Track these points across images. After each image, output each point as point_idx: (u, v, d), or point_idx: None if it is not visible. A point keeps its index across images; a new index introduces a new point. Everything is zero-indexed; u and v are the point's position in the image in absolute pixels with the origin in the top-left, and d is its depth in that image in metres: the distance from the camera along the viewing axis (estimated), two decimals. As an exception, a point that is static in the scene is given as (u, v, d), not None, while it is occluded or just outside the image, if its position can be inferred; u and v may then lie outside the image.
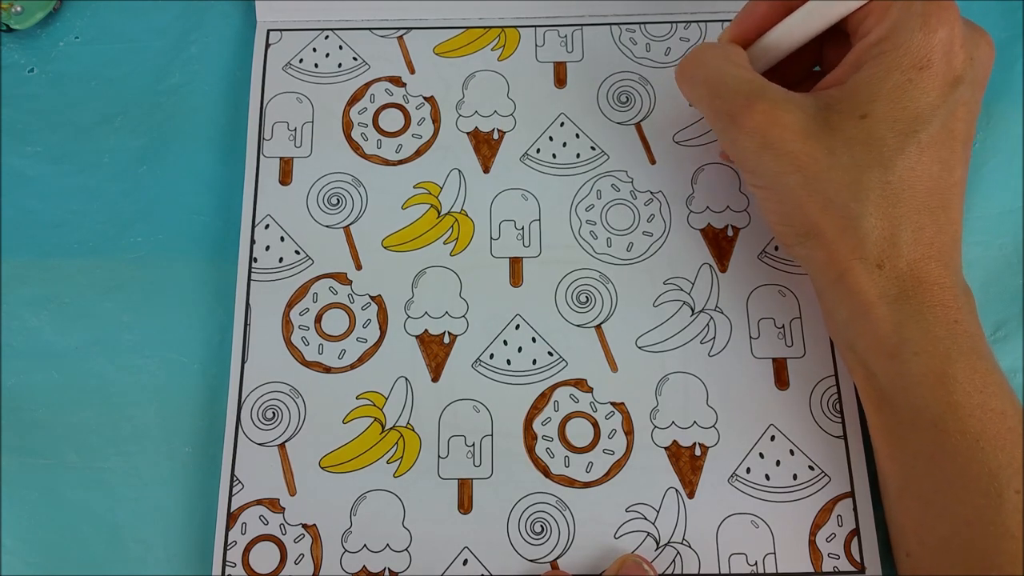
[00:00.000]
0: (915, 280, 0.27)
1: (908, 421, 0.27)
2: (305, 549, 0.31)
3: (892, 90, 0.26)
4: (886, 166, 0.26)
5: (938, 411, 0.26)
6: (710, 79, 0.29)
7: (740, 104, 0.28)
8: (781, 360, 0.33)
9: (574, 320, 0.33)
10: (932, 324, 0.27)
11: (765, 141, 0.27)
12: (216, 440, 0.32)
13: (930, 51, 0.26)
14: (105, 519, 0.32)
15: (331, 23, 0.38)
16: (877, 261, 0.27)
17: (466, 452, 0.32)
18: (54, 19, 0.39)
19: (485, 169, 0.36)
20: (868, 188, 0.26)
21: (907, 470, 0.28)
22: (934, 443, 0.27)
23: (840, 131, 0.27)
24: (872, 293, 0.27)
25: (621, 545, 0.31)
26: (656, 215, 0.35)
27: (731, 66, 0.29)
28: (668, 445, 0.32)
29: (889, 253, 0.27)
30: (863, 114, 0.27)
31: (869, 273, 0.27)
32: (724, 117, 0.28)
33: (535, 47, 0.37)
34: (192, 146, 0.37)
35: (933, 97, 0.26)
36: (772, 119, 0.27)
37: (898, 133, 0.26)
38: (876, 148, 0.26)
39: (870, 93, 0.27)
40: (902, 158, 0.26)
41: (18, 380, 0.34)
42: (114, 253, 0.35)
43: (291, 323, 0.34)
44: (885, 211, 0.27)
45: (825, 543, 0.31)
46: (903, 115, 0.26)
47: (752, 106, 0.27)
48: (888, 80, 0.26)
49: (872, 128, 0.26)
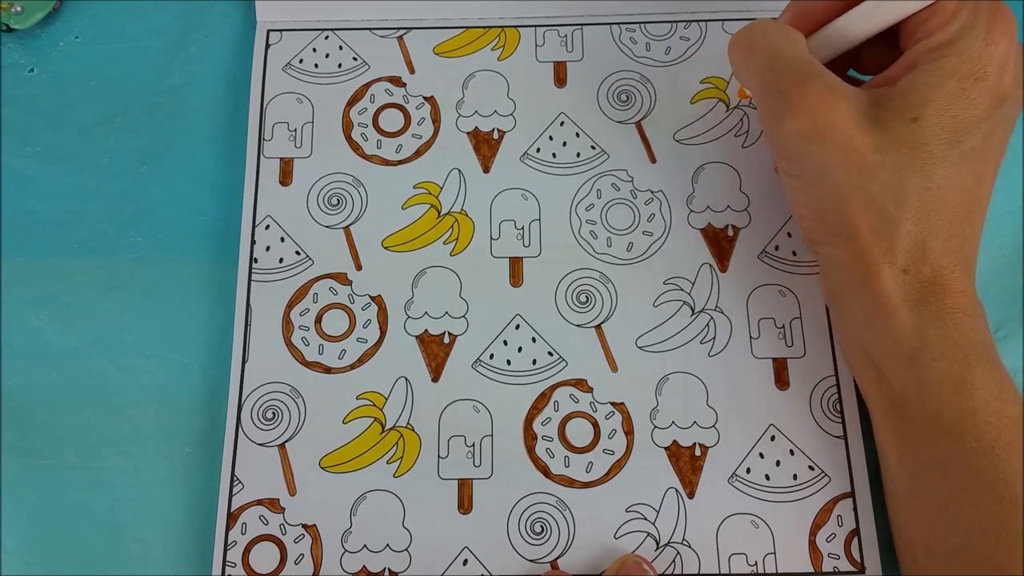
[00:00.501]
0: (938, 286, 0.27)
1: (922, 426, 0.27)
2: (305, 549, 0.31)
3: (945, 97, 0.26)
4: (928, 173, 0.26)
5: (954, 417, 0.26)
6: (769, 51, 0.28)
7: (795, 81, 0.27)
8: (781, 360, 0.33)
9: (574, 320, 0.33)
10: (951, 330, 0.26)
11: (814, 126, 0.27)
12: (216, 440, 0.32)
13: (988, 63, 0.26)
14: (105, 519, 0.32)
15: (331, 23, 0.38)
16: (904, 266, 0.27)
17: (466, 452, 0.32)
18: (54, 19, 0.39)
19: (485, 169, 0.36)
20: (909, 193, 0.26)
21: (918, 476, 0.28)
22: (948, 449, 0.26)
23: (889, 130, 0.26)
24: (896, 297, 0.27)
25: (621, 545, 0.31)
26: (656, 214, 0.35)
27: (791, 44, 0.28)
28: (668, 445, 0.32)
29: (917, 259, 0.27)
30: (914, 117, 0.26)
31: (895, 277, 0.27)
32: (775, 92, 0.27)
33: (535, 47, 0.37)
34: (192, 146, 0.37)
35: (981, 110, 0.26)
36: (826, 103, 0.26)
37: (944, 141, 0.26)
38: (922, 153, 0.26)
39: (924, 97, 0.26)
40: (944, 167, 0.26)
41: (18, 380, 0.34)
42: (114, 253, 0.35)
43: (291, 323, 0.34)
44: (921, 218, 0.26)
45: (825, 543, 0.31)
46: (951, 124, 0.26)
47: (807, 86, 0.27)
48: (944, 87, 0.26)
49: (921, 132, 0.26)
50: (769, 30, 0.29)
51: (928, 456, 0.27)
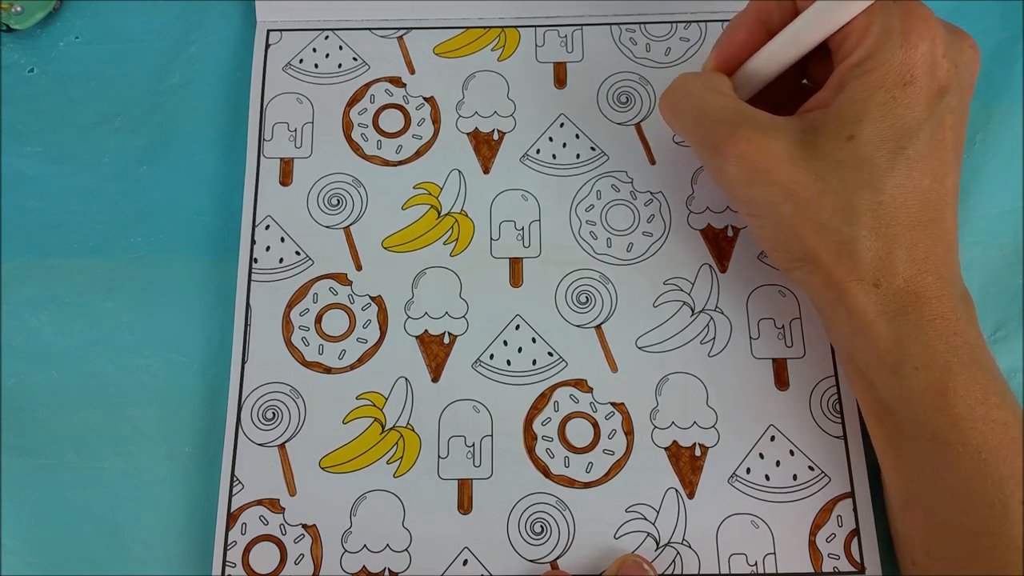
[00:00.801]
0: (912, 295, 0.27)
1: (910, 434, 0.27)
2: (305, 549, 0.31)
3: (877, 109, 0.26)
4: (876, 187, 0.26)
5: (939, 424, 0.26)
6: (694, 109, 0.29)
7: (724, 134, 0.27)
8: (781, 360, 0.33)
9: (574, 320, 0.33)
10: (932, 338, 0.26)
11: (752, 170, 0.27)
12: (216, 440, 0.32)
13: (912, 67, 0.26)
14: (105, 519, 0.32)
15: (331, 23, 0.38)
16: (874, 281, 0.27)
17: (466, 452, 0.32)
18: (54, 19, 0.39)
19: (485, 169, 0.36)
20: (860, 211, 0.26)
21: (911, 482, 0.28)
22: (937, 455, 0.26)
23: (828, 154, 0.26)
24: (871, 312, 0.27)
25: (621, 545, 0.31)
26: (656, 215, 0.35)
27: (714, 95, 0.29)
28: (668, 445, 0.32)
29: (885, 272, 0.27)
30: (850, 135, 0.26)
31: (867, 293, 0.27)
32: (709, 147, 0.28)
33: (535, 47, 0.37)
34: (192, 146, 0.37)
35: (919, 111, 0.26)
36: (757, 147, 0.27)
37: (886, 152, 0.26)
38: (865, 169, 0.26)
39: (855, 113, 0.26)
40: (892, 176, 0.26)
41: (18, 380, 0.34)
42: (114, 253, 0.35)
43: (291, 323, 0.34)
44: (878, 232, 0.26)
45: (825, 543, 0.31)
46: (890, 133, 0.26)
47: (736, 135, 0.27)
48: (873, 99, 0.26)
49: (860, 149, 0.26)
50: (690, 87, 0.30)
51: (918, 462, 0.27)
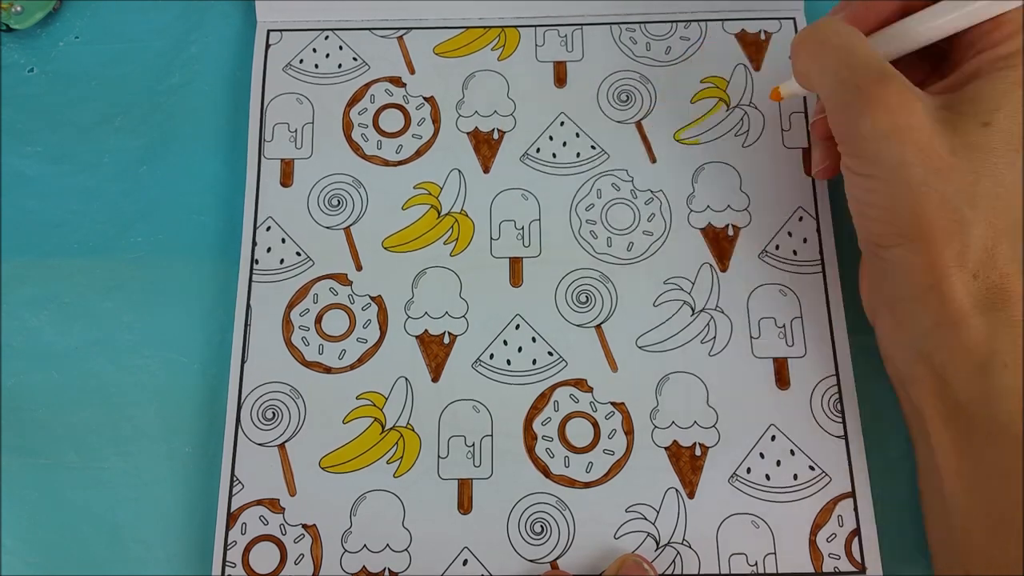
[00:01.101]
0: (1004, 293, 0.26)
1: (987, 435, 0.26)
2: (305, 549, 0.31)
3: (1014, 104, 0.26)
4: (998, 178, 0.26)
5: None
6: (843, 48, 0.28)
7: (874, 79, 0.27)
8: (782, 360, 0.33)
9: (574, 320, 0.33)
10: (1021, 337, 0.26)
11: (894, 124, 0.26)
12: (216, 440, 0.32)
13: None
14: (105, 519, 0.32)
15: (331, 23, 0.38)
16: (974, 271, 0.26)
17: (466, 452, 0.32)
18: (54, 19, 0.39)
19: (485, 169, 0.36)
20: (982, 196, 0.26)
21: (979, 487, 0.27)
22: (1015, 460, 0.26)
23: (963, 133, 0.26)
24: (966, 302, 0.26)
25: (621, 545, 0.31)
26: (656, 214, 0.35)
27: (863, 42, 0.28)
28: (668, 445, 0.32)
29: (986, 263, 0.26)
30: (986, 121, 0.26)
31: (965, 282, 0.26)
32: (852, 90, 0.27)
33: (535, 47, 0.37)
34: (192, 146, 0.37)
35: None
36: (905, 102, 0.26)
37: (1011, 148, 0.26)
38: (993, 158, 0.26)
39: (995, 102, 0.26)
40: (1011, 173, 0.26)
41: (18, 380, 0.34)
42: (114, 253, 0.35)
43: (291, 323, 0.34)
44: (991, 222, 0.26)
45: (826, 543, 0.31)
46: (1019, 131, 0.26)
47: (887, 84, 0.26)
48: (1013, 94, 0.26)
49: (992, 137, 0.26)
50: (840, 28, 0.29)
51: (991, 466, 0.26)
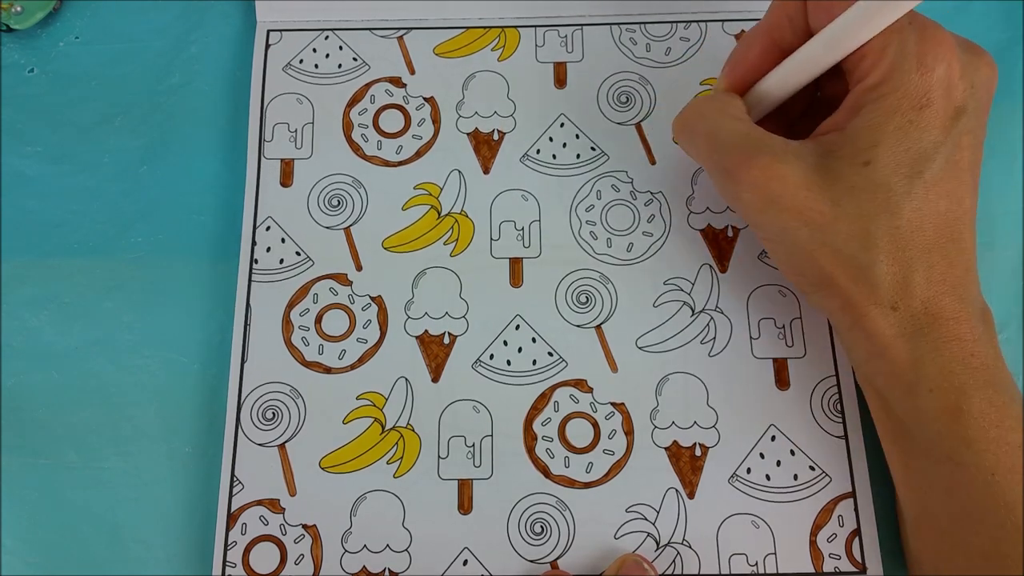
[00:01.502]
0: (930, 317, 0.26)
1: (924, 454, 0.27)
2: (305, 549, 0.31)
3: (893, 133, 0.26)
4: (893, 212, 0.26)
5: (953, 445, 0.26)
6: (708, 133, 0.29)
7: (738, 160, 0.27)
8: (782, 360, 0.33)
9: (574, 320, 0.33)
10: (948, 360, 0.26)
11: (767, 196, 0.27)
12: (216, 440, 0.32)
13: (928, 90, 0.26)
14: (105, 519, 0.32)
15: (331, 23, 0.38)
16: (891, 304, 0.27)
17: (466, 452, 0.32)
18: (54, 19, 0.39)
19: (485, 170, 0.36)
20: (877, 236, 0.26)
21: (923, 500, 0.28)
22: (950, 476, 0.26)
23: (843, 180, 0.26)
24: (888, 334, 0.27)
25: (621, 545, 0.31)
26: (656, 215, 0.35)
27: (728, 119, 0.29)
28: (668, 445, 0.32)
29: (902, 295, 0.26)
30: (866, 161, 0.26)
31: (884, 316, 0.27)
32: (723, 172, 0.28)
33: (535, 47, 0.37)
34: (192, 146, 0.37)
35: (936, 134, 0.26)
36: (772, 174, 0.27)
37: (903, 176, 0.26)
38: (882, 194, 0.26)
39: (872, 139, 0.26)
40: (909, 201, 0.26)
41: (18, 380, 0.33)
42: (114, 253, 0.35)
43: (291, 323, 0.34)
44: (895, 256, 0.26)
45: (826, 543, 0.31)
46: (906, 157, 0.26)
47: (751, 161, 0.27)
48: (889, 124, 0.26)
49: (876, 174, 0.26)
50: (704, 109, 0.29)
51: (931, 481, 0.27)
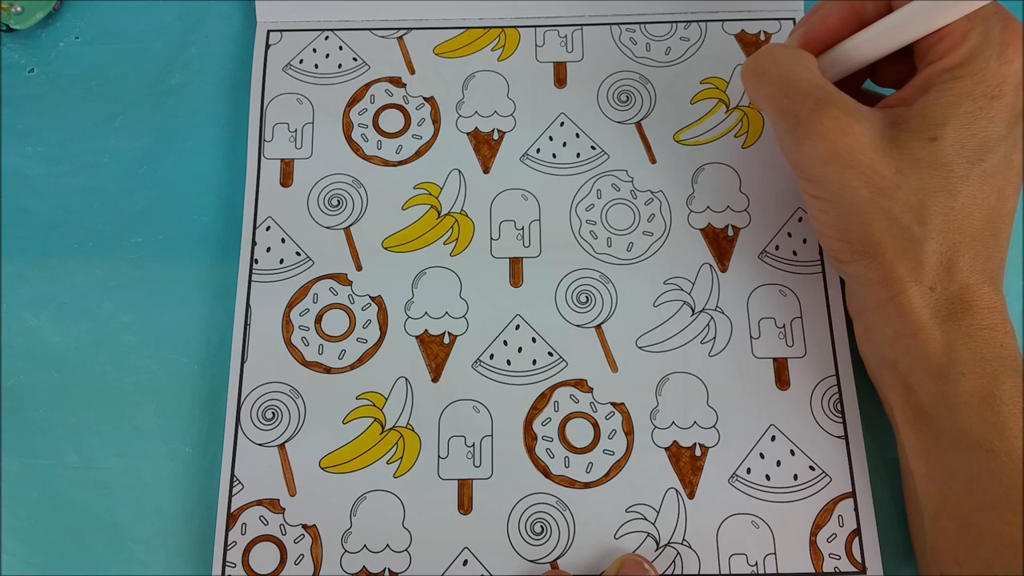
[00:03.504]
0: (965, 303, 0.27)
1: (950, 441, 0.27)
2: (305, 549, 0.31)
3: (963, 116, 0.26)
4: (951, 192, 0.26)
5: (983, 432, 0.26)
6: (782, 77, 0.28)
7: (810, 107, 0.27)
8: (782, 360, 0.33)
9: (574, 320, 0.33)
10: (981, 346, 0.26)
11: (833, 150, 0.27)
12: (216, 440, 0.32)
13: (1004, 81, 0.26)
14: (105, 519, 0.32)
15: (331, 23, 0.38)
16: (931, 284, 0.27)
17: (466, 452, 0.32)
18: (54, 19, 0.39)
19: (485, 169, 0.36)
20: (933, 212, 0.26)
21: (946, 490, 0.27)
22: (978, 464, 0.26)
23: (909, 151, 0.26)
24: (924, 314, 0.27)
25: (621, 545, 0.31)
26: (656, 215, 0.35)
27: (804, 69, 0.28)
28: (668, 445, 0.32)
29: (944, 277, 0.27)
30: (933, 136, 0.26)
31: (922, 295, 0.27)
32: (791, 119, 0.28)
33: (535, 47, 0.37)
34: (192, 146, 0.37)
35: (1001, 127, 0.26)
36: (843, 127, 0.27)
37: (965, 160, 0.26)
38: (943, 173, 0.26)
39: (941, 116, 0.26)
40: (966, 185, 0.26)
41: (18, 380, 0.34)
42: (114, 253, 0.35)
43: (291, 323, 0.34)
44: (946, 236, 0.26)
45: (826, 543, 0.31)
46: (971, 143, 0.26)
47: (823, 111, 0.27)
48: (960, 106, 0.26)
49: (940, 152, 0.26)
50: (780, 55, 0.29)
51: (956, 470, 0.27)
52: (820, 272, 0.34)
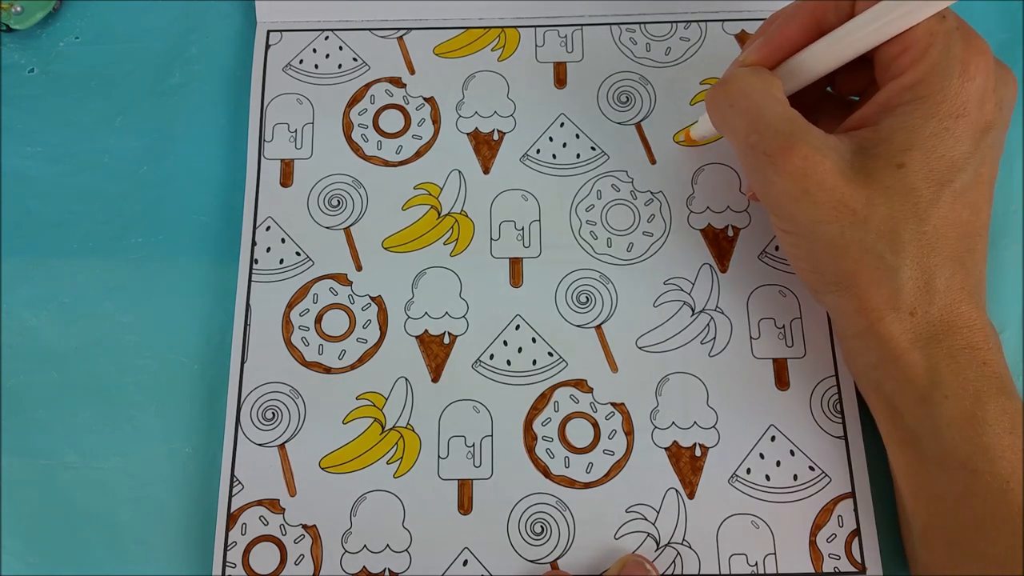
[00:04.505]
0: (946, 324, 0.26)
1: (936, 462, 0.27)
2: (305, 550, 0.31)
3: (928, 139, 0.26)
4: (921, 217, 0.26)
5: (968, 452, 0.26)
6: (750, 111, 0.28)
7: (780, 145, 0.26)
8: (781, 360, 0.33)
9: (574, 320, 0.33)
10: (963, 366, 0.26)
11: (805, 187, 0.26)
12: (216, 440, 0.32)
13: (966, 100, 0.26)
14: (105, 519, 0.32)
15: (331, 23, 0.38)
16: (910, 310, 0.26)
17: (466, 452, 0.32)
18: (54, 19, 0.39)
19: (485, 170, 0.36)
20: (905, 239, 0.26)
21: (932, 510, 0.27)
22: (963, 484, 0.26)
23: (878, 180, 0.26)
24: (903, 340, 0.27)
25: (621, 546, 0.31)
26: (656, 215, 0.35)
27: (772, 100, 0.28)
28: (668, 446, 0.32)
29: (922, 301, 0.26)
30: (900, 163, 0.26)
31: (901, 322, 0.27)
32: (761, 156, 0.27)
33: (535, 47, 0.37)
34: (192, 146, 0.37)
35: (967, 146, 0.26)
36: (812, 165, 0.26)
37: (933, 183, 0.26)
38: (912, 199, 0.26)
39: (907, 141, 0.26)
40: (937, 208, 0.26)
41: (18, 380, 0.34)
42: (114, 253, 0.35)
43: (291, 324, 0.34)
44: (920, 261, 0.26)
45: (826, 543, 0.31)
46: (938, 164, 0.26)
47: (793, 149, 0.26)
48: (925, 128, 0.26)
49: (908, 179, 0.26)
50: (749, 86, 0.28)
51: (942, 490, 0.27)
52: (820, 272, 0.34)
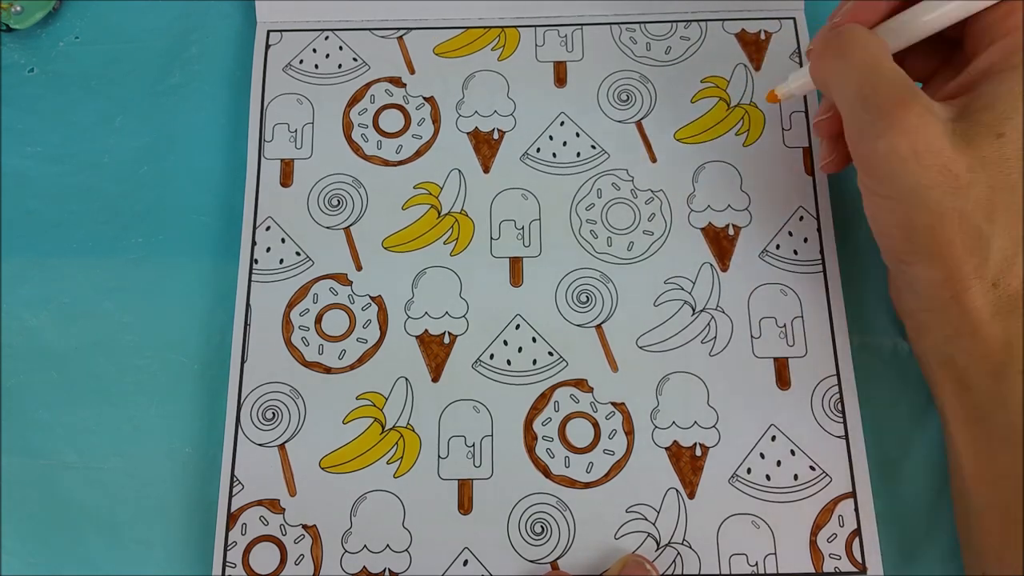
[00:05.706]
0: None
1: (1004, 440, 0.26)
2: (305, 550, 0.31)
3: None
4: (1013, 188, 0.26)
5: None
6: (866, 64, 0.27)
7: (897, 100, 0.26)
8: (782, 360, 0.33)
9: (574, 320, 0.33)
10: None
11: (913, 148, 0.26)
12: (216, 440, 0.32)
13: None
14: (105, 519, 0.32)
15: (331, 23, 0.38)
16: (993, 280, 0.26)
17: (466, 452, 0.32)
18: (54, 19, 0.39)
19: (485, 169, 0.36)
20: (1000, 208, 0.26)
21: (995, 488, 0.27)
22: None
23: (978, 148, 0.26)
24: (985, 312, 0.26)
25: (621, 546, 0.31)
26: (657, 214, 0.35)
27: (887, 57, 0.27)
28: (669, 445, 0.32)
29: (1006, 273, 0.26)
30: (1000, 133, 0.26)
31: (984, 293, 0.26)
32: (874, 110, 0.26)
33: (535, 47, 0.37)
34: (192, 146, 0.37)
35: None
36: (926, 124, 0.26)
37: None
38: (1008, 169, 0.26)
39: (1008, 110, 0.26)
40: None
41: (18, 380, 0.34)
42: (114, 253, 0.35)
43: (291, 324, 0.34)
44: (1011, 232, 0.26)
45: (826, 543, 0.30)
46: None
47: (908, 106, 0.26)
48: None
49: (1005, 148, 0.26)
50: (865, 40, 0.27)
51: (1007, 469, 0.26)
52: (821, 271, 0.34)
